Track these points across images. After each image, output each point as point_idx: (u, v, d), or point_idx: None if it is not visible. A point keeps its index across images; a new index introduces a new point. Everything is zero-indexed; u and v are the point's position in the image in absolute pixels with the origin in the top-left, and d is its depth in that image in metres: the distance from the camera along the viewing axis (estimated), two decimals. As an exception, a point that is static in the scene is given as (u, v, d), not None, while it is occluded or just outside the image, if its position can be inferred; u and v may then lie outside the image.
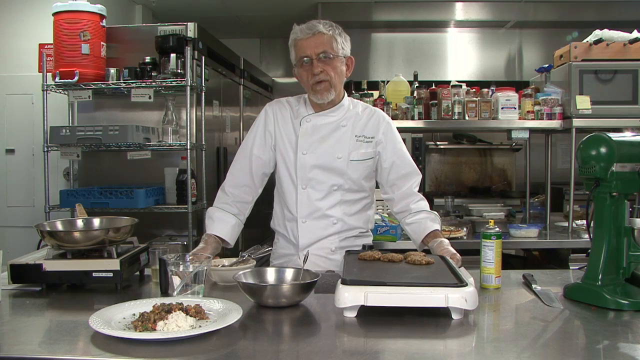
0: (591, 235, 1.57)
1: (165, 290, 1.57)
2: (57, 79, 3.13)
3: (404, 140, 2.09)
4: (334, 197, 1.96)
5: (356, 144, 1.97)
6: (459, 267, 1.58)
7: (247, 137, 2.06)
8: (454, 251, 1.80)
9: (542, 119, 3.10)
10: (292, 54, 1.95)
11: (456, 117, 3.10)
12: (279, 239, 2.08)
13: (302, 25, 1.92)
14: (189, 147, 3.12)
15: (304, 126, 1.97)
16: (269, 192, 2.13)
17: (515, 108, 3.07)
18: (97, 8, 3.16)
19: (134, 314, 1.32)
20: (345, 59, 1.95)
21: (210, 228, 1.94)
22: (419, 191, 2.05)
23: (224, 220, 1.96)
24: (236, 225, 1.99)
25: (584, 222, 2.11)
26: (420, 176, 2.06)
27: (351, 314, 1.36)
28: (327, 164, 1.95)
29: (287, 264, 1.98)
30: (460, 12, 5.05)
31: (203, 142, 3.40)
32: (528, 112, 3.10)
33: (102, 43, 3.18)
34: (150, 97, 3.10)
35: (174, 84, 3.11)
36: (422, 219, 1.97)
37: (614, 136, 1.49)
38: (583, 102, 2.99)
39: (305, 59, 1.89)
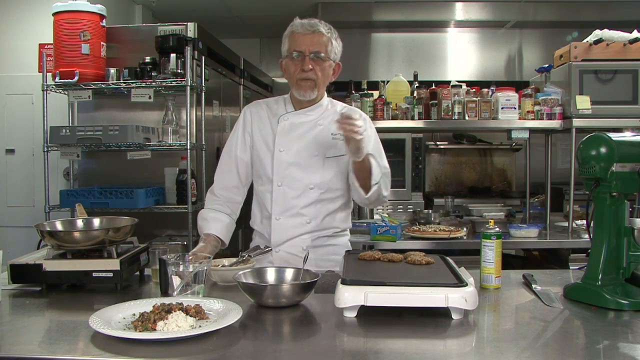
0: (591, 235, 1.57)
1: (165, 290, 1.57)
2: (57, 79, 3.13)
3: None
4: (310, 196, 1.96)
5: (332, 142, 1.98)
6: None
7: (229, 140, 2.09)
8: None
9: (542, 119, 3.10)
10: (285, 45, 1.96)
11: (456, 117, 3.10)
12: (255, 236, 2.10)
13: (303, 20, 1.93)
14: (189, 147, 3.12)
15: (281, 124, 2.00)
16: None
17: (515, 108, 3.07)
18: (97, 8, 3.16)
19: (134, 314, 1.32)
20: (334, 64, 1.98)
21: (206, 228, 1.96)
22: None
23: (219, 220, 1.99)
24: (230, 225, 2.01)
25: (584, 222, 2.11)
26: (389, 176, 2.00)
27: (351, 314, 1.36)
28: (303, 162, 1.96)
29: (261, 261, 1.96)
30: (460, 12, 5.04)
31: (203, 142, 3.40)
32: (528, 112, 3.10)
33: (102, 43, 3.18)
34: (150, 97, 3.10)
35: (174, 84, 3.11)
36: None
37: (614, 136, 1.49)
38: (583, 102, 2.99)
39: (296, 53, 1.91)
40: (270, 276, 1.60)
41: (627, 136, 1.54)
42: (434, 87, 3.27)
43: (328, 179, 1.97)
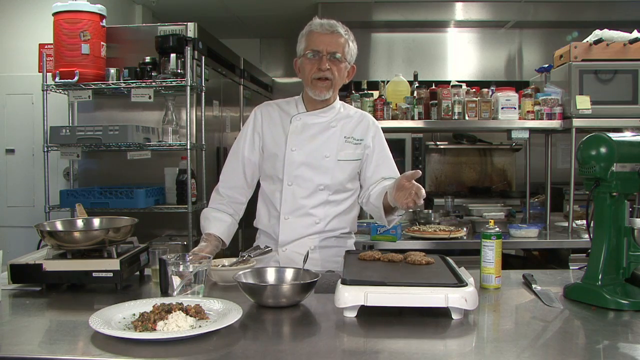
0: (591, 235, 1.57)
1: (165, 290, 1.57)
2: (57, 79, 3.13)
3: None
4: (320, 196, 1.97)
5: (345, 144, 1.98)
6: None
7: (237, 139, 2.09)
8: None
9: (542, 119, 3.10)
10: (302, 44, 1.96)
11: (456, 117, 3.10)
12: (260, 235, 2.10)
13: (322, 20, 1.94)
14: (189, 147, 3.12)
15: (294, 124, 2.00)
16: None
17: (515, 108, 3.07)
18: (97, 8, 3.16)
19: (134, 314, 1.32)
20: (349, 66, 1.98)
21: (208, 227, 1.96)
22: None
23: (221, 220, 1.99)
24: (232, 225, 2.02)
25: (584, 222, 2.11)
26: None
27: (351, 314, 1.36)
28: (314, 162, 1.96)
29: (266, 260, 1.97)
30: (460, 12, 5.05)
31: (203, 142, 3.40)
32: (528, 112, 3.10)
33: (102, 43, 3.18)
34: (150, 97, 3.10)
35: (174, 84, 3.12)
36: (382, 183, 1.94)
37: (614, 136, 1.49)
38: (583, 102, 2.98)
39: (313, 52, 1.91)
40: (270, 276, 1.60)
41: (627, 136, 1.54)
42: (434, 87, 3.26)
43: (338, 181, 1.97)
